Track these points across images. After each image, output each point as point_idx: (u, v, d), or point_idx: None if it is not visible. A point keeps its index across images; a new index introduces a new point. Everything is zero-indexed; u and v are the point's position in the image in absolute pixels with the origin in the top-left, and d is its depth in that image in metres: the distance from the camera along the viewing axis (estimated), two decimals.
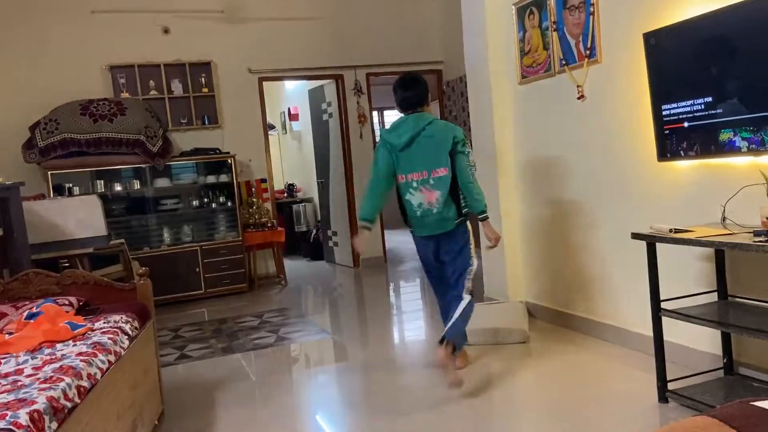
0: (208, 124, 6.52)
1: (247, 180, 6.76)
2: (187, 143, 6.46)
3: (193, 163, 6.45)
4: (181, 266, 6.09)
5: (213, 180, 6.45)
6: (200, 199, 6.46)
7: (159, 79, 6.35)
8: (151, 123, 6.01)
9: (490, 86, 4.45)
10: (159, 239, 6.26)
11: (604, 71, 3.57)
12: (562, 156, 4.01)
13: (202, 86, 6.49)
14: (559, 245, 4.12)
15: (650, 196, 3.33)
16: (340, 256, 7.58)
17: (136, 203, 6.27)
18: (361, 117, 7.23)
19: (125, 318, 2.81)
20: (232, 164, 6.37)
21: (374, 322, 5.04)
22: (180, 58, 6.43)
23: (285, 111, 9.49)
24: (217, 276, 6.19)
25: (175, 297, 6.03)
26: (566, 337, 3.93)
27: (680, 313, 2.69)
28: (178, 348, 4.51)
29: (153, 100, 6.30)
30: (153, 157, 5.96)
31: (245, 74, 6.72)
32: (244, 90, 6.72)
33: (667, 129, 3.01)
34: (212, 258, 6.19)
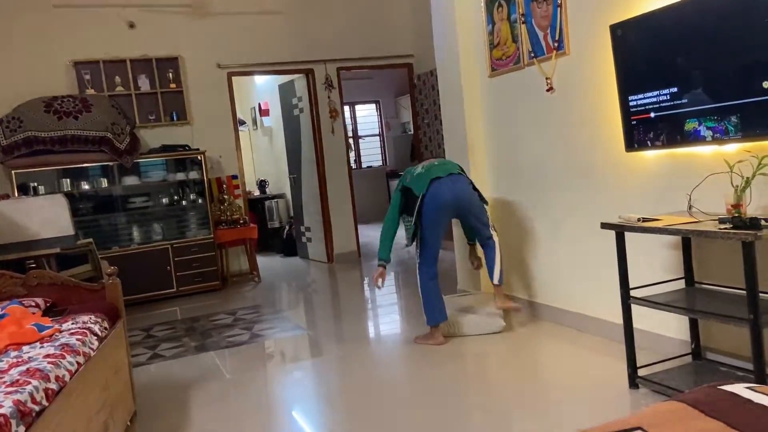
0: (176, 121, 6.42)
1: (218, 177, 6.68)
2: (155, 140, 6.36)
3: (163, 160, 6.35)
4: (152, 265, 6.00)
5: (183, 177, 6.36)
6: (170, 196, 6.36)
7: (125, 74, 6.22)
8: (118, 120, 5.90)
9: (461, 79, 4.46)
10: (129, 238, 6.16)
11: (573, 63, 3.60)
12: (533, 148, 4.04)
13: (170, 82, 6.38)
14: (531, 236, 4.15)
15: (619, 186, 3.38)
16: (314, 251, 7.55)
17: (104, 202, 6.15)
18: (333, 112, 7.19)
19: (94, 318, 2.76)
20: (202, 161, 6.29)
21: (349, 317, 5.03)
22: (146, 54, 6.32)
23: (255, 106, 9.40)
24: (189, 274, 6.12)
25: (147, 296, 5.94)
26: (540, 327, 3.97)
27: (649, 300, 2.74)
28: (150, 348, 4.44)
29: (119, 97, 6.18)
30: (120, 155, 5.85)
31: (214, 69, 6.64)
32: (213, 85, 6.63)
33: (634, 120, 3.05)
34: (184, 256, 6.12)
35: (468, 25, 4.43)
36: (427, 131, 7.39)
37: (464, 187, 3.81)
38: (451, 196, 3.74)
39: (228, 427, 2.92)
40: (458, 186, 3.78)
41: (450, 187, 3.75)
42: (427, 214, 3.75)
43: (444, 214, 3.80)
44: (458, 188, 3.77)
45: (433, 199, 3.72)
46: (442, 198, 3.73)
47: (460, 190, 3.78)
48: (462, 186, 3.80)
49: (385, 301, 5.61)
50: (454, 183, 3.77)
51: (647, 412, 1.32)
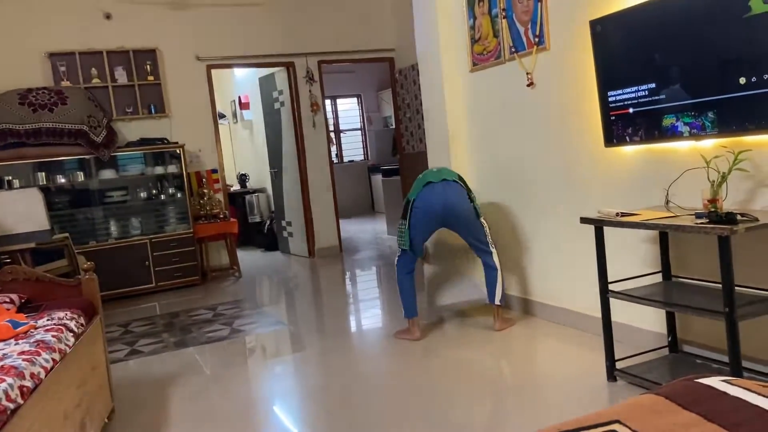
0: (154, 114, 6.35)
1: (197, 170, 6.62)
2: (133, 133, 6.28)
3: (141, 154, 6.27)
4: (130, 260, 5.94)
5: (161, 171, 6.29)
6: (149, 190, 6.30)
7: (102, 66, 6.13)
8: (94, 112, 5.82)
9: (442, 74, 4.46)
10: (106, 233, 6.08)
11: (553, 58, 3.62)
12: (514, 143, 4.06)
13: (148, 74, 6.30)
14: (514, 231, 4.18)
15: (598, 181, 3.41)
16: (295, 246, 7.53)
17: (80, 196, 6.07)
18: (314, 105, 7.16)
19: (70, 315, 2.72)
20: (181, 154, 6.23)
21: (331, 312, 5.03)
22: (123, 45, 6.23)
23: (235, 100, 9.33)
24: (168, 269, 6.07)
25: (125, 292, 5.88)
26: (524, 321, 4.00)
27: (627, 294, 2.77)
28: (128, 343, 4.40)
29: (96, 89, 6.09)
30: (97, 148, 5.78)
31: (193, 62, 6.57)
32: (191, 78, 6.56)
33: (613, 115, 3.08)
34: (163, 251, 6.06)
35: (449, 19, 4.43)
36: (408, 126, 7.39)
37: (455, 195, 3.69)
38: (439, 203, 3.66)
39: (208, 424, 2.91)
40: (449, 193, 3.68)
41: (440, 194, 3.67)
42: (415, 218, 3.71)
43: (430, 221, 3.71)
44: (449, 195, 3.67)
45: (422, 204, 3.68)
46: (430, 204, 3.66)
47: (450, 197, 3.68)
48: (453, 194, 3.69)
49: (367, 296, 5.61)
50: (444, 189, 3.68)
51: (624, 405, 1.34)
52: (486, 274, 3.85)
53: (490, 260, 3.81)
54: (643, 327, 3.23)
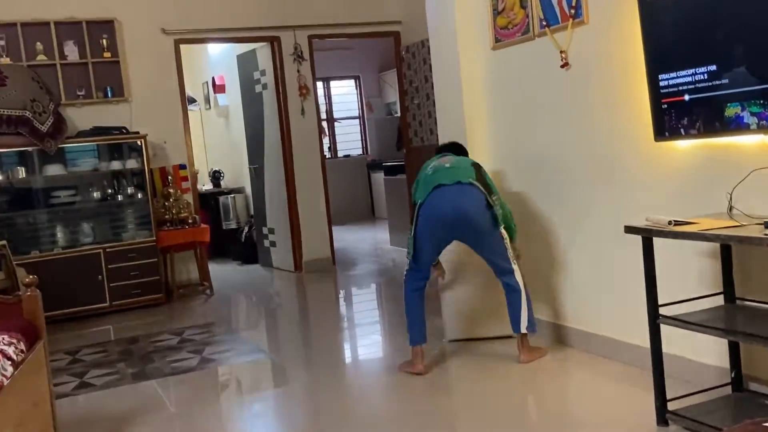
0: (111, 97, 6.37)
1: (162, 166, 6.63)
2: (85, 121, 6.29)
3: (94, 146, 6.28)
4: (80, 273, 5.94)
5: (119, 166, 6.30)
6: (103, 190, 6.31)
7: (48, 40, 6.15)
8: (39, 96, 5.83)
9: (458, 52, 4.47)
10: (51, 240, 6.09)
11: (592, 34, 3.61)
12: (544, 135, 4.06)
13: (104, 50, 6.32)
14: (543, 241, 4.17)
15: (646, 182, 3.40)
16: (279, 258, 7.53)
17: (20, 196, 6.07)
18: (303, 89, 7.18)
19: (8, 339, 2.72)
20: (142, 146, 6.24)
21: (321, 339, 5.02)
22: (74, 15, 6.25)
23: (208, 81, 9.36)
24: (125, 285, 6.07)
25: (73, 312, 5.88)
26: (554, 351, 3.99)
27: (681, 319, 2.76)
28: (77, 375, 4.39)
29: (41, 67, 6.11)
30: (42, 138, 5.79)
31: (158, 36, 6.58)
32: (156, 55, 6.58)
33: (665, 103, 3.07)
34: (119, 263, 6.07)
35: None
36: (416, 114, 7.40)
37: (471, 201, 3.64)
38: (449, 210, 3.62)
39: None
40: (463, 199, 3.64)
41: (451, 200, 3.63)
42: (422, 226, 3.69)
43: (439, 231, 3.70)
44: (462, 202, 3.63)
45: (429, 210, 3.66)
46: (439, 210, 3.64)
47: (464, 204, 3.63)
48: (468, 200, 3.64)
49: (365, 320, 5.61)
50: (458, 195, 3.64)
51: None
52: (508, 298, 3.80)
53: (512, 280, 3.76)
54: (701, 360, 3.22)
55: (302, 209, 7.24)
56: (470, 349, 4.16)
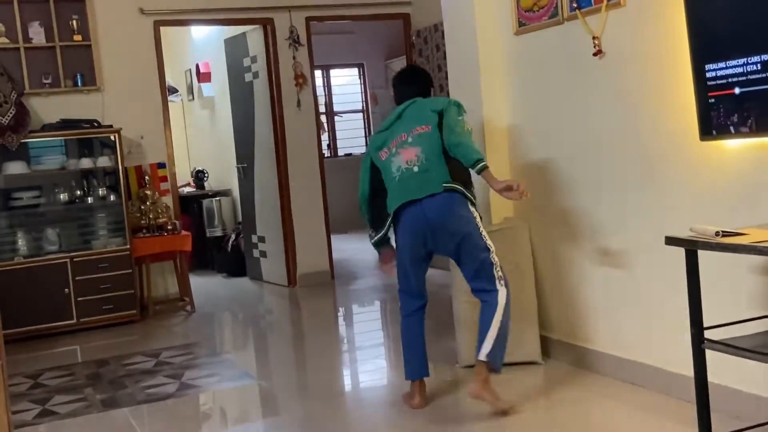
0: (81, 86, 6.40)
1: (138, 165, 6.66)
2: (51, 113, 6.33)
3: (61, 141, 6.31)
4: (44, 286, 5.96)
5: (89, 164, 6.33)
6: (71, 191, 6.33)
7: (11, 21, 6.19)
8: (0, 84, 5.86)
9: (476, 37, 4.47)
10: (11, 248, 6.11)
11: (630, 18, 3.61)
12: (573, 131, 4.06)
13: (74, 32, 6.36)
14: (569, 252, 4.17)
15: (690, 186, 3.39)
16: (270, 270, 7.54)
17: None
18: (299, 77, 7.20)
19: None
20: (116, 142, 6.27)
21: (317, 363, 5.02)
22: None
23: (192, 69, 9.39)
24: (95, 300, 6.09)
25: (35, 330, 5.90)
26: (584, 378, 3.99)
27: (730, 344, 2.75)
28: (38, 401, 4.40)
29: (2, 52, 6.15)
30: (2, 132, 5.84)
31: (135, 16, 6.62)
32: (133, 39, 6.61)
33: (713, 97, 3.07)
34: (88, 274, 6.08)
35: None
36: None
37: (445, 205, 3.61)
38: (423, 224, 3.63)
39: None
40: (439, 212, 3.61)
41: (426, 218, 3.61)
42: (400, 237, 3.77)
43: (420, 249, 3.72)
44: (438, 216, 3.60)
45: (405, 229, 3.71)
46: (416, 229, 3.66)
47: (441, 217, 3.60)
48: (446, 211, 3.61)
49: (367, 342, 5.61)
50: (433, 211, 3.61)
51: None
52: (481, 313, 3.64)
53: (495, 290, 3.60)
54: (752, 391, 3.20)
55: (297, 215, 7.25)
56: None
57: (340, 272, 7.63)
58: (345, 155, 11.56)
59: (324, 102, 11.31)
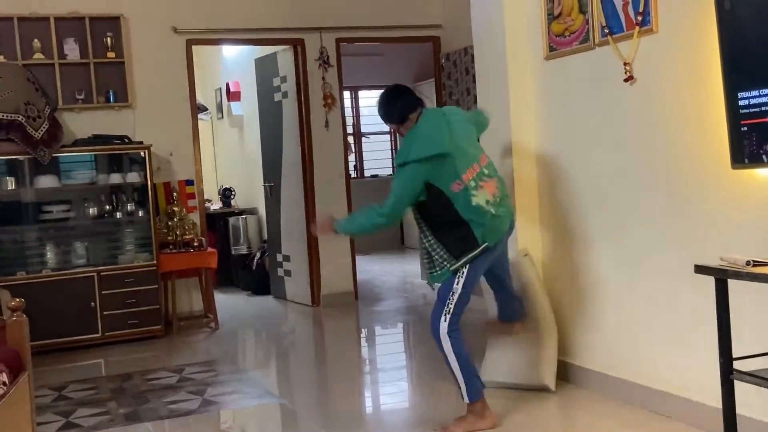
0: (114, 103, 6.47)
1: (166, 181, 6.71)
2: (83, 128, 6.40)
3: (92, 156, 6.37)
4: (71, 299, 6.00)
5: (119, 180, 6.39)
6: (100, 205, 6.39)
7: (47, 37, 6.28)
8: (34, 98, 5.95)
9: (506, 61, 4.48)
10: (40, 261, 6.17)
11: (661, 44, 3.61)
12: (603, 156, 4.05)
13: (108, 49, 6.44)
14: (596, 278, 4.14)
15: (720, 215, 3.37)
16: (294, 289, 7.55)
17: (7, 210, 6.17)
18: (328, 98, 7.24)
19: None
20: (146, 158, 6.33)
21: (339, 384, 5.01)
22: (77, 10, 6.39)
23: (222, 88, 9.48)
24: (120, 314, 6.11)
25: (60, 342, 5.93)
26: (608, 408, 3.94)
27: (760, 376, 2.71)
28: (62, 413, 4.42)
29: (38, 67, 6.23)
30: (35, 146, 5.89)
31: (168, 35, 6.70)
32: (166, 57, 6.69)
33: (745, 124, 3.05)
34: (114, 288, 6.12)
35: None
36: None
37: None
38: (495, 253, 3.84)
39: None
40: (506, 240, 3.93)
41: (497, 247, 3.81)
42: (479, 268, 3.77)
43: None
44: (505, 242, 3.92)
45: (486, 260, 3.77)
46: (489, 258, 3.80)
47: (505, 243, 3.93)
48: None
49: (390, 364, 5.59)
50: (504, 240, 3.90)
51: None
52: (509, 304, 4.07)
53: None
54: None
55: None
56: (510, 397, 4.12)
57: (364, 293, 7.62)
58: (371, 176, 11.58)
59: (352, 123, 11.36)
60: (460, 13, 6.34)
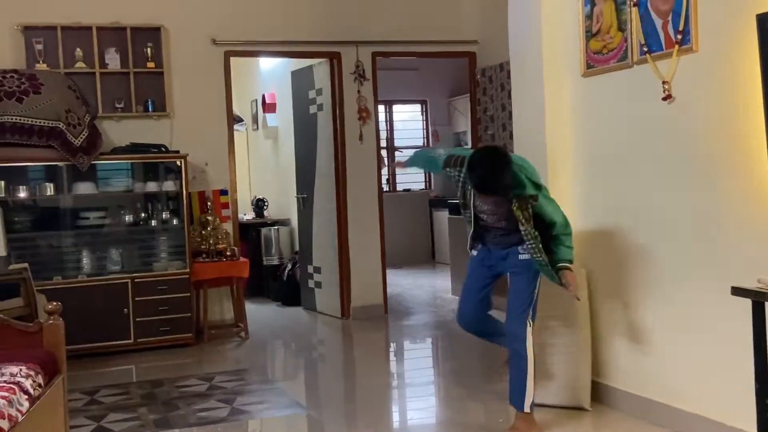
0: (152, 112, 6.55)
1: (201, 190, 6.77)
2: (122, 136, 6.49)
3: (129, 164, 6.45)
4: (105, 305, 6.05)
5: (154, 188, 6.46)
6: (135, 213, 6.46)
7: (89, 46, 6.39)
8: (75, 106, 6.03)
9: (543, 78, 4.49)
10: (76, 266, 6.24)
11: (701, 63, 3.59)
12: (640, 176, 4.03)
13: (148, 59, 6.53)
14: (630, 300, 4.11)
15: (759, 237, 3.34)
16: (324, 301, 7.56)
17: (46, 215, 6.26)
18: (363, 112, 7.27)
19: (26, 371, 2.80)
20: (182, 168, 6.38)
21: (367, 396, 5.01)
22: (119, 21, 6.49)
23: (258, 99, 9.56)
24: (152, 321, 6.16)
25: (93, 347, 5.98)
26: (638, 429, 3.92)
27: None
28: (93, 418, 4.46)
29: (79, 75, 6.33)
30: (74, 153, 5.97)
31: (207, 46, 6.78)
32: (204, 68, 6.76)
33: None
34: (148, 295, 6.17)
35: (556, 4, 4.47)
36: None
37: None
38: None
39: None
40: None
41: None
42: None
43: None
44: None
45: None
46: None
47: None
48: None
49: (418, 378, 5.58)
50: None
51: None
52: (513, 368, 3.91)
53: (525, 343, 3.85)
54: None
55: (354, 248, 7.27)
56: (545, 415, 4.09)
57: (394, 307, 7.61)
58: (404, 190, 11.60)
59: (385, 137, 11.40)
60: (496, 28, 6.35)
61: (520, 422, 3.81)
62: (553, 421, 4.05)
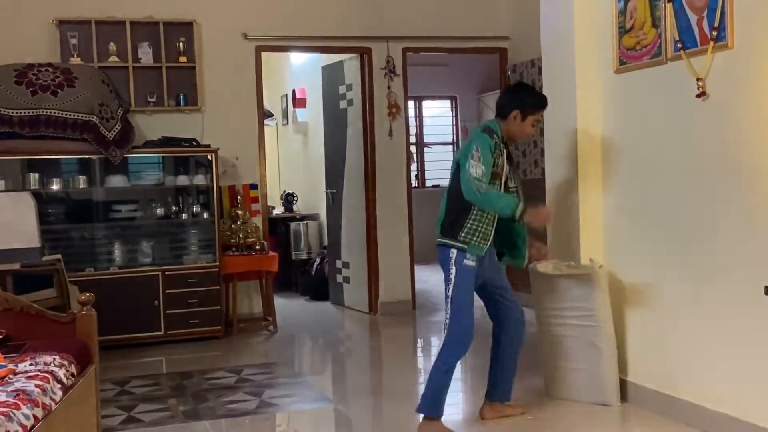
0: (184, 106, 6.61)
1: (231, 185, 6.81)
2: (154, 130, 6.55)
3: (160, 158, 6.52)
4: (135, 297, 6.13)
5: (185, 182, 6.52)
6: (167, 206, 6.53)
7: (123, 41, 6.45)
8: (108, 100, 6.10)
9: (575, 74, 4.46)
10: (108, 258, 6.33)
11: (737, 60, 3.55)
12: (673, 174, 3.99)
13: (180, 54, 6.59)
14: (661, 299, 4.08)
15: None
16: (352, 296, 7.58)
17: (79, 207, 6.36)
18: (393, 107, 7.27)
19: (59, 360, 2.84)
20: (212, 162, 6.44)
21: (393, 391, 5.02)
22: (152, 15, 6.55)
23: (288, 94, 9.59)
24: (182, 313, 6.22)
25: (124, 338, 6.05)
26: (666, 428, 3.89)
27: None
28: (124, 408, 4.52)
29: (112, 69, 6.40)
30: (107, 146, 6.03)
31: (239, 41, 6.81)
32: (235, 62, 6.80)
33: None
34: (178, 288, 6.23)
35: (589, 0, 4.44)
36: (519, 143, 7.36)
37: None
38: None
39: None
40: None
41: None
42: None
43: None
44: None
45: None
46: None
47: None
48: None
49: None
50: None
51: None
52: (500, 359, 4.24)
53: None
54: None
55: (382, 243, 7.28)
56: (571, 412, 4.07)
57: (422, 303, 7.61)
58: (432, 186, 11.56)
59: (415, 133, 11.38)
60: (527, 24, 6.33)
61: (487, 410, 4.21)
62: (581, 418, 4.03)
